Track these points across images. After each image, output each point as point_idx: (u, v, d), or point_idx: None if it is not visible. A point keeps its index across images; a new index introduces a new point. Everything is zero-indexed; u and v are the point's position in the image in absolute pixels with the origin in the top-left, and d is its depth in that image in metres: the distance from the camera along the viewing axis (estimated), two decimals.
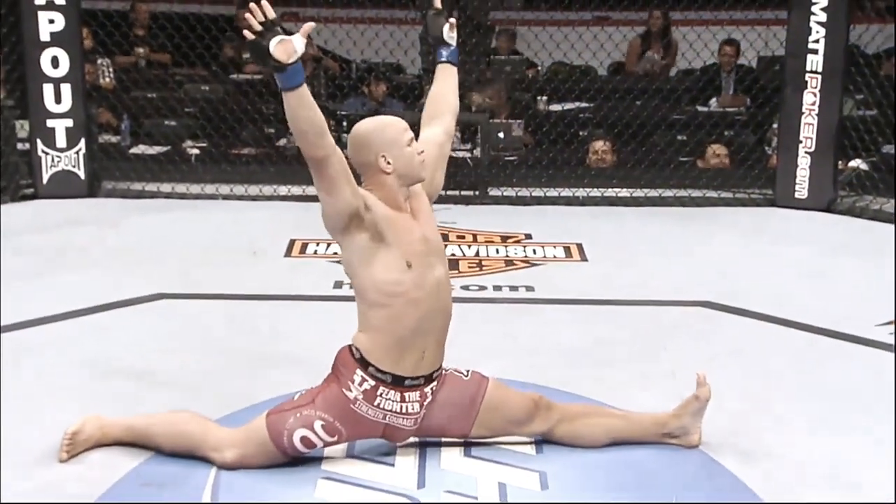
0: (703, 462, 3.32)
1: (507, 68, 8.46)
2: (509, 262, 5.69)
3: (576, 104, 8.02)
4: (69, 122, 6.87)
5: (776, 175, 7.05)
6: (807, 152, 6.85)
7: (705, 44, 7.72)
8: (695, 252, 5.97)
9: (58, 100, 6.82)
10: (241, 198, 7.06)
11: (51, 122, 6.84)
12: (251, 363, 4.11)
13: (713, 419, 3.39)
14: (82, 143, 6.92)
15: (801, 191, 6.90)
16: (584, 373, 4.04)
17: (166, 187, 7.12)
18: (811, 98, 6.78)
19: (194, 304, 4.89)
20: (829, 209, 6.85)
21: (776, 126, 7.29)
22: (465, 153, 7.33)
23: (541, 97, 8.23)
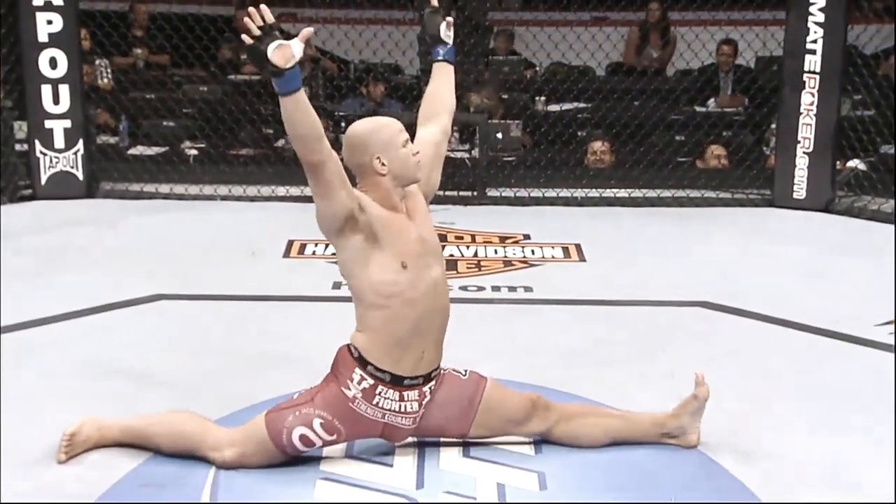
0: (701, 462, 3.32)
1: (506, 69, 8.46)
2: (508, 263, 5.69)
3: (574, 104, 8.02)
4: (67, 122, 6.86)
5: (774, 175, 7.06)
6: (805, 152, 6.86)
7: (703, 44, 7.73)
8: (693, 252, 5.97)
9: (56, 101, 6.82)
10: (239, 198, 7.06)
11: (49, 123, 6.84)
12: (250, 364, 4.11)
13: (712, 419, 3.40)
14: (80, 144, 6.92)
15: (800, 191, 6.90)
16: (583, 373, 4.04)
17: (165, 188, 7.12)
18: (809, 98, 6.79)
19: (193, 304, 4.90)
20: (827, 209, 6.85)
21: (774, 126, 7.29)
22: (463, 154, 7.33)
23: (539, 97, 8.24)
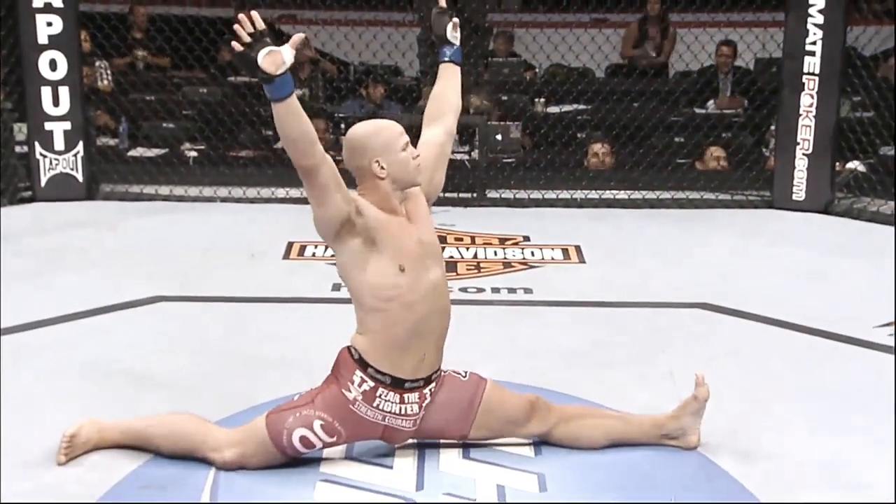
0: (701, 463, 3.32)
1: (505, 70, 8.46)
2: (507, 265, 5.69)
3: (574, 106, 8.01)
4: (67, 124, 6.86)
5: (774, 177, 7.05)
6: (804, 154, 6.85)
7: (703, 45, 7.73)
8: (693, 254, 5.97)
9: (56, 102, 6.81)
10: (239, 200, 7.06)
11: (49, 125, 6.83)
12: (250, 365, 4.12)
13: (712, 420, 3.40)
14: (80, 146, 6.91)
15: (799, 192, 6.90)
16: (583, 374, 4.04)
17: (164, 190, 7.11)
18: (808, 100, 6.78)
19: (193, 306, 4.90)
20: (826, 211, 6.85)
21: (774, 128, 7.29)
22: (463, 155, 7.33)
23: (539, 99, 8.24)
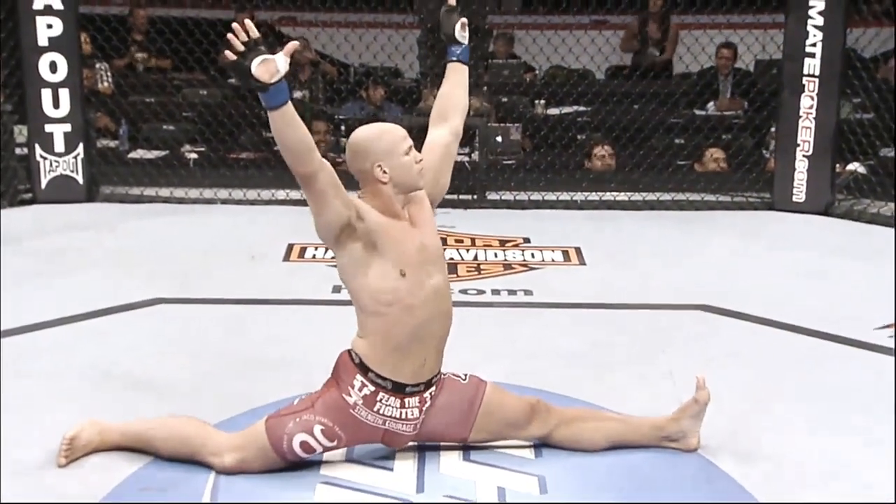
0: (701, 465, 3.32)
1: (505, 72, 8.46)
2: (508, 266, 5.69)
3: (574, 108, 8.01)
4: (67, 126, 6.85)
5: (774, 178, 7.05)
6: (804, 156, 6.85)
7: (703, 47, 7.73)
8: (693, 255, 5.97)
9: (56, 105, 6.81)
10: (239, 202, 7.05)
11: (49, 127, 6.82)
12: (250, 368, 4.11)
13: (712, 422, 3.39)
14: (80, 148, 6.91)
15: (799, 194, 6.90)
16: (583, 376, 4.04)
17: (164, 192, 7.11)
18: (808, 101, 6.78)
19: (193, 308, 4.89)
20: (826, 213, 6.84)
21: (774, 129, 7.29)
22: (463, 157, 7.32)
23: (539, 101, 8.23)
